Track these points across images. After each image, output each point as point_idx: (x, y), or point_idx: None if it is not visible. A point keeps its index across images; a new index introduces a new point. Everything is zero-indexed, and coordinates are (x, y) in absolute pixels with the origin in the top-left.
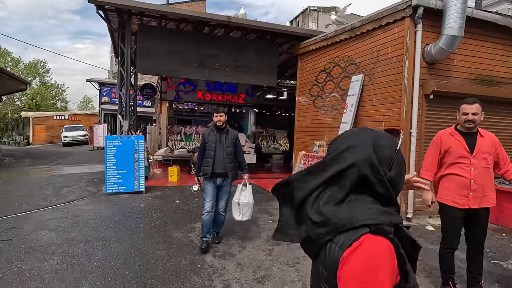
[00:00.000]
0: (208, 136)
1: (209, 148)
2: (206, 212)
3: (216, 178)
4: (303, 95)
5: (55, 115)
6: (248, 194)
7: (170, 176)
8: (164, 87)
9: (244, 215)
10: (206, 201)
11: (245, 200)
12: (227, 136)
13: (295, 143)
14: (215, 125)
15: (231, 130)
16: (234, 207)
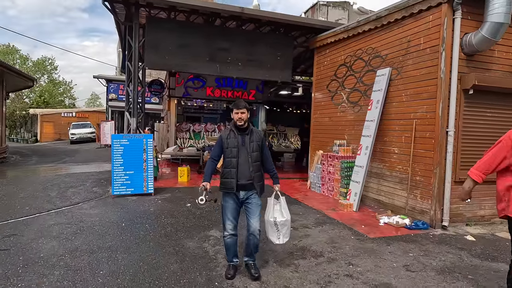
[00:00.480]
0: (228, 139)
1: (230, 154)
2: (229, 235)
3: (239, 192)
4: (320, 91)
5: (62, 112)
6: (284, 209)
7: (180, 177)
8: (173, 83)
9: (284, 236)
10: (227, 221)
11: (282, 218)
12: (251, 138)
13: (311, 141)
14: (235, 124)
15: (255, 131)
16: (270, 228)
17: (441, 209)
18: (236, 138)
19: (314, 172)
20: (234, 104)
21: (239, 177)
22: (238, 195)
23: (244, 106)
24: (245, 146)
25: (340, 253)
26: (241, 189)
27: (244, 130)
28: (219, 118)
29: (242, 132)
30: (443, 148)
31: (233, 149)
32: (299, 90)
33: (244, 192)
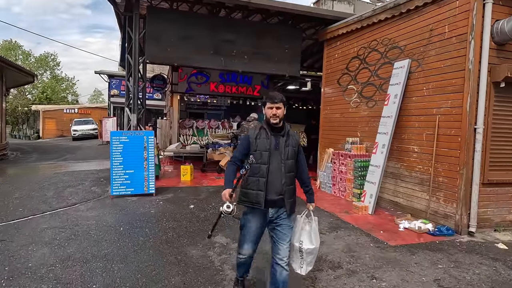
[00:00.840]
0: (258, 140)
1: (259, 159)
2: (244, 258)
3: (267, 209)
4: (330, 85)
5: (65, 109)
6: (315, 234)
7: (183, 175)
8: (175, 79)
9: (308, 265)
10: (245, 244)
11: (310, 245)
12: (288, 141)
13: (320, 139)
14: (268, 122)
15: (292, 133)
16: (294, 254)
17: (468, 214)
18: (268, 139)
19: (324, 171)
20: (267, 97)
21: (269, 189)
22: (266, 213)
23: (281, 100)
24: (278, 151)
25: (360, 263)
26: (270, 205)
27: (279, 130)
28: (223, 115)
29: (276, 132)
30: (471, 147)
31: (263, 152)
32: (308, 85)
33: (273, 210)
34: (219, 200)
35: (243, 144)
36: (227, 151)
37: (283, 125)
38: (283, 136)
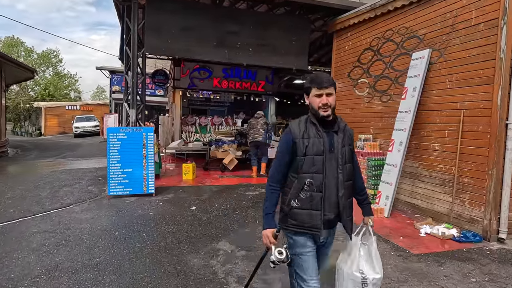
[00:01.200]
0: (306, 139)
1: (311, 167)
2: None
3: (321, 231)
4: (340, 79)
5: (66, 105)
6: (377, 259)
7: (185, 174)
8: (178, 74)
9: None
10: (310, 282)
11: (375, 275)
12: (344, 139)
13: None
14: (316, 115)
15: (347, 127)
16: (350, 286)
17: (497, 218)
18: (321, 138)
19: None
20: (312, 80)
21: (326, 207)
22: (316, 236)
23: (332, 83)
24: (334, 154)
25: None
26: (326, 227)
27: (331, 124)
28: (226, 111)
29: (329, 128)
30: (502, 145)
31: (316, 157)
32: None
33: (326, 232)
34: (222, 201)
35: (285, 148)
36: (231, 148)
37: (334, 117)
38: (337, 133)
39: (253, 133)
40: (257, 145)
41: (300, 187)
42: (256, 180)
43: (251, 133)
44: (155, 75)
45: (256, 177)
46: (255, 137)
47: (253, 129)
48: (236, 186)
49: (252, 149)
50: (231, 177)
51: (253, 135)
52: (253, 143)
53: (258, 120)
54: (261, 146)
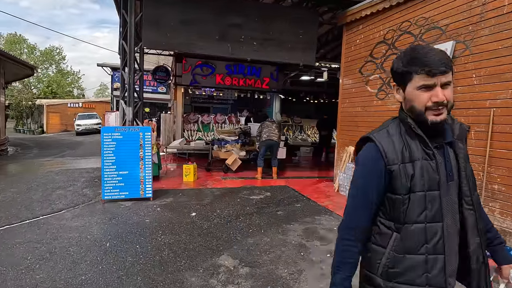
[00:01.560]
0: (408, 164)
1: (421, 210)
2: None
3: None
4: (350, 75)
5: (69, 103)
6: None
7: (185, 176)
8: (179, 70)
9: None
10: None
11: None
12: (463, 150)
13: (339, 136)
14: (419, 120)
15: (463, 127)
16: None
17: None
18: (432, 159)
19: (345, 172)
20: (412, 59)
21: (447, 271)
22: None
23: (450, 67)
24: (453, 182)
25: None
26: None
27: (442, 132)
28: (229, 109)
29: (440, 139)
30: None
31: (430, 193)
32: (324, 75)
33: None
34: (224, 206)
35: (372, 179)
36: (234, 148)
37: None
38: (453, 145)
39: (268, 131)
40: (271, 145)
41: (406, 246)
42: (261, 182)
43: (266, 131)
44: (156, 72)
45: (261, 179)
46: (270, 136)
47: (268, 128)
48: (240, 189)
49: (262, 148)
50: (234, 179)
51: (268, 133)
52: (267, 143)
53: (273, 124)
54: (274, 147)
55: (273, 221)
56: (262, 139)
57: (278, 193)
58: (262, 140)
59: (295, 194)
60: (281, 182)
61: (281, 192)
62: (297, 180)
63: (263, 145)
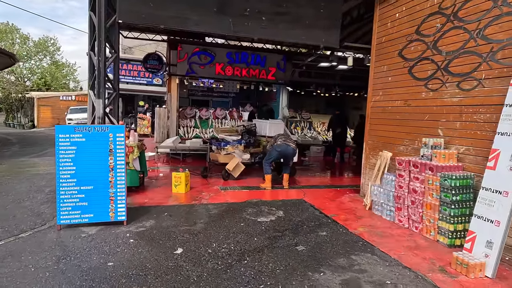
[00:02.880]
0: None
1: None
2: None
3: None
4: (386, 60)
5: (61, 95)
6: None
7: (175, 186)
8: (174, 59)
9: None
10: None
11: None
12: None
13: (368, 136)
14: None
15: None
16: None
17: None
18: None
19: (381, 186)
20: None
21: None
22: None
23: None
24: None
25: None
26: None
27: None
28: (231, 102)
29: None
30: None
31: None
32: (349, 60)
33: None
34: (223, 236)
35: None
36: (236, 150)
37: None
38: None
39: (285, 139)
40: (286, 154)
41: None
42: (269, 195)
43: (282, 137)
44: (147, 60)
45: (271, 189)
46: (288, 143)
47: (285, 136)
48: (243, 205)
49: (274, 153)
50: (236, 189)
51: (286, 141)
52: (282, 148)
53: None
54: (290, 156)
55: (294, 265)
56: (277, 143)
57: (294, 211)
58: (277, 144)
59: (315, 213)
60: (294, 193)
61: (297, 210)
62: (314, 190)
63: (278, 150)
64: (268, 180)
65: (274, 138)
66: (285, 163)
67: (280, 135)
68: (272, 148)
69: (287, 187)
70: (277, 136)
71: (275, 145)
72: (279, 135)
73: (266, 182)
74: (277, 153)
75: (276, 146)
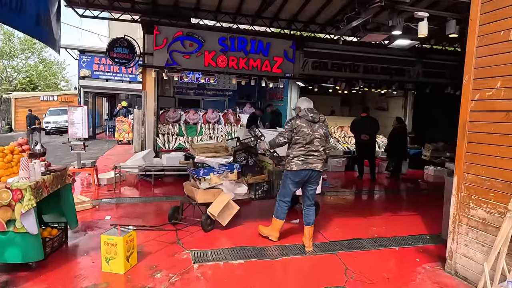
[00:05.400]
0: None
1: None
2: None
3: None
4: (502, 31)
5: (41, 96)
6: None
7: (106, 261)
8: (149, 45)
9: None
10: None
11: None
12: None
13: (465, 164)
14: None
15: None
16: None
17: None
18: None
19: None
20: None
21: None
22: None
23: None
24: None
25: None
26: None
27: None
28: (227, 103)
29: None
30: None
31: None
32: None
33: None
34: None
35: None
36: (225, 181)
37: None
38: None
39: (306, 153)
40: (308, 179)
41: None
42: (281, 266)
43: (300, 150)
44: (113, 47)
45: (280, 254)
46: (309, 160)
47: (305, 146)
48: None
49: (290, 183)
50: (223, 259)
51: (305, 155)
52: (304, 174)
53: (315, 122)
54: (314, 180)
55: None
56: (292, 165)
57: None
58: (292, 170)
59: None
60: (327, 266)
61: None
62: (358, 254)
63: (295, 178)
64: (275, 228)
65: (288, 151)
66: (305, 195)
67: (297, 145)
68: (286, 176)
69: (311, 248)
70: (293, 146)
71: (289, 171)
72: (295, 145)
73: (271, 227)
74: (295, 184)
75: (290, 174)
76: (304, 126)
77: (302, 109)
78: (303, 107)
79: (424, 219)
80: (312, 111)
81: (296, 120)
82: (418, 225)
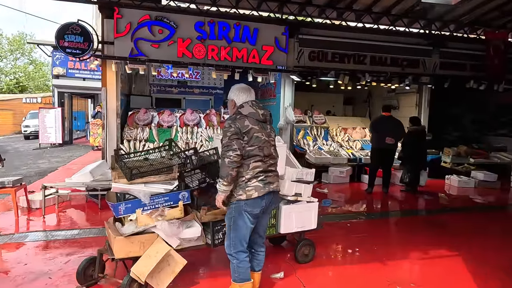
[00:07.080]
0: None
1: None
2: None
3: None
4: None
5: (24, 98)
6: None
7: None
8: (109, 32)
9: None
10: None
11: None
12: None
13: None
14: None
15: None
16: None
17: None
18: None
19: None
20: None
21: None
22: None
23: None
24: None
25: None
26: None
27: None
28: (213, 102)
29: None
30: None
31: None
32: None
33: None
34: None
35: None
36: (161, 221)
37: None
38: None
39: (264, 167)
40: (267, 206)
41: None
42: None
43: (257, 165)
44: (64, 34)
45: None
46: (269, 180)
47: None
48: None
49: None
50: None
51: (265, 171)
52: (265, 200)
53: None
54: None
55: None
56: (249, 190)
57: None
58: (252, 197)
59: None
60: None
61: None
62: None
63: (254, 209)
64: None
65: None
66: (256, 232)
67: (253, 159)
68: (238, 211)
69: None
70: (246, 162)
71: (246, 200)
72: (250, 158)
73: None
74: (254, 218)
75: (247, 205)
76: (257, 129)
77: (243, 104)
78: (242, 100)
79: (479, 261)
80: (259, 106)
81: (243, 120)
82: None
